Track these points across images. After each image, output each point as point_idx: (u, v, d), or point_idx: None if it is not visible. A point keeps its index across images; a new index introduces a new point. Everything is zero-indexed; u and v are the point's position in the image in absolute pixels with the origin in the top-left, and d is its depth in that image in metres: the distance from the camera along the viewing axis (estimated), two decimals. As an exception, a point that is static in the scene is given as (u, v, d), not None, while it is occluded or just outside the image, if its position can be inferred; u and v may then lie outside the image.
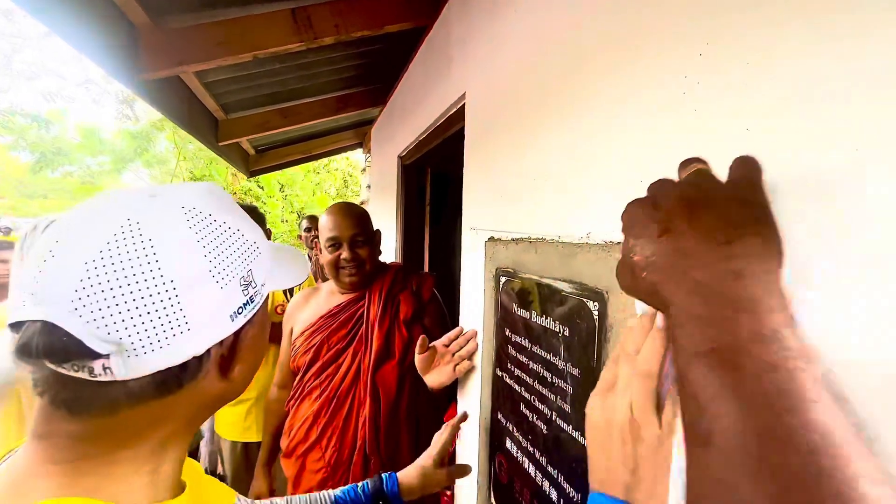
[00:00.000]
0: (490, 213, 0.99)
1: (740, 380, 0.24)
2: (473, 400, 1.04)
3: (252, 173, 3.59)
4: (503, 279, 0.87)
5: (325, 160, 13.05)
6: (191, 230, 0.36)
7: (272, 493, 1.44)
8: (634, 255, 0.31)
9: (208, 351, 0.37)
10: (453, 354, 1.06)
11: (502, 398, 0.87)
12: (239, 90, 2.25)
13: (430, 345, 1.06)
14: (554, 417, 0.68)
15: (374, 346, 1.21)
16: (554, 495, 0.67)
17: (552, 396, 0.68)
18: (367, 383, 1.18)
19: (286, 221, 12.63)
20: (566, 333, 0.65)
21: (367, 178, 3.63)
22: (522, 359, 0.78)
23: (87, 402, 0.33)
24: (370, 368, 1.19)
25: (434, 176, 2.11)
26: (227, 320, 0.37)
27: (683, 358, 0.27)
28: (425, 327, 1.29)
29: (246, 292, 0.39)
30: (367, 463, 1.15)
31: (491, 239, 0.95)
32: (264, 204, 12.73)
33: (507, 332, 0.84)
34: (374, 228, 1.35)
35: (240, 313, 0.38)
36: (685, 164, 0.35)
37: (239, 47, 1.39)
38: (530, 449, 0.75)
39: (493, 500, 0.91)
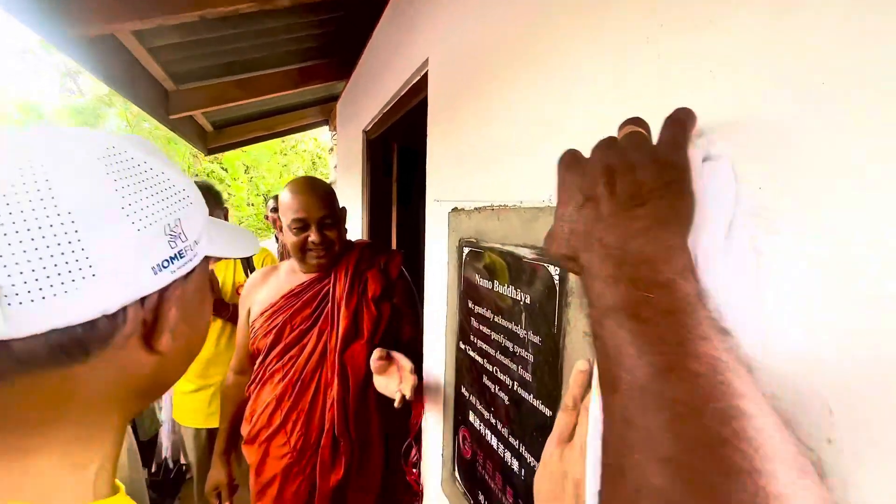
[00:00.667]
0: (454, 184, 0.95)
1: (641, 327, 0.26)
2: (437, 375, 1.01)
3: (210, 151, 3.39)
4: (466, 250, 0.84)
5: (292, 141, 12.64)
6: (99, 161, 0.30)
7: (231, 482, 1.39)
8: (562, 223, 0.34)
9: (125, 310, 0.30)
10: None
11: (465, 371, 0.85)
12: (189, 58, 2.09)
13: (389, 354, 1.01)
14: (515, 387, 0.66)
15: (342, 325, 1.16)
16: (516, 466, 0.66)
17: (514, 366, 0.66)
18: (335, 363, 1.14)
19: (252, 205, 12.18)
20: (527, 301, 0.63)
21: (335, 158, 3.51)
22: (485, 330, 0.76)
23: None
24: (337, 348, 1.15)
25: (401, 151, 2.05)
26: (147, 273, 0.31)
27: (595, 317, 0.29)
28: (395, 306, 1.25)
29: (173, 244, 0.33)
30: (335, 445, 1.12)
31: (454, 210, 0.91)
32: (228, 186, 12.22)
33: (471, 305, 0.82)
34: (341, 206, 1.29)
35: (165, 267, 0.32)
36: (622, 126, 0.36)
37: (180, 5, 1.27)
38: (492, 421, 0.74)
39: (457, 474, 0.90)
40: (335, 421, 1.11)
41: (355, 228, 2.32)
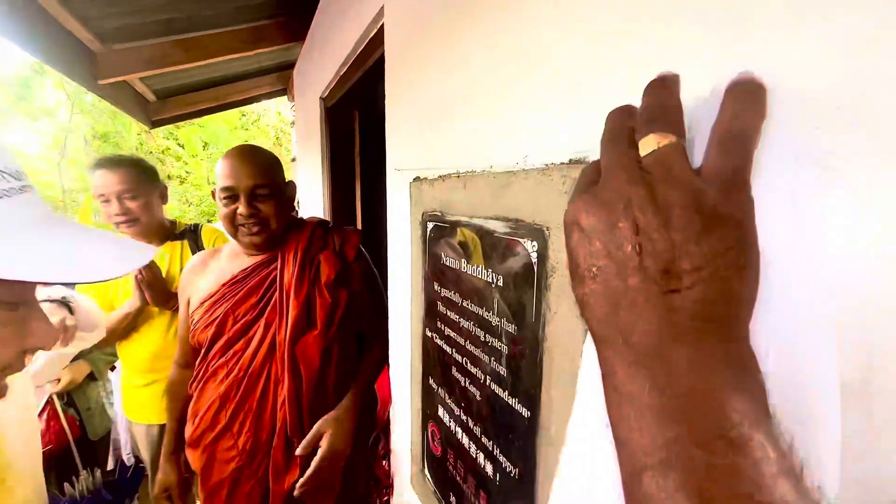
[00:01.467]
0: (415, 150, 0.84)
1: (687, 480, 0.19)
2: (404, 363, 0.92)
3: (155, 123, 3.10)
4: (430, 225, 0.74)
5: (254, 115, 11.95)
6: None
7: (183, 482, 1.28)
8: (577, 257, 0.24)
9: None
10: None
11: (433, 361, 0.75)
12: (118, 14, 1.83)
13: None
14: (488, 381, 0.57)
15: (291, 316, 1.04)
16: (490, 470, 0.58)
17: (486, 358, 0.57)
18: (286, 358, 1.03)
19: (212, 183, 11.53)
20: (500, 283, 0.53)
21: (297, 142, 3.28)
22: (453, 316, 0.67)
23: None
24: (287, 341, 1.03)
25: (363, 120, 1.89)
26: None
27: (627, 462, 0.21)
28: (353, 291, 1.13)
29: None
30: (289, 446, 1.02)
31: (416, 179, 0.80)
32: (186, 164, 11.49)
33: (437, 287, 0.72)
34: (287, 179, 1.14)
35: None
36: (645, 112, 0.25)
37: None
38: (463, 417, 0.65)
39: (426, 472, 0.82)
40: (287, 420, 1.01)
41: (317, 206, 2.16)
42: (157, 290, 1.49)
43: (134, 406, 1.69)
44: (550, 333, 0.45)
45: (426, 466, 0.82)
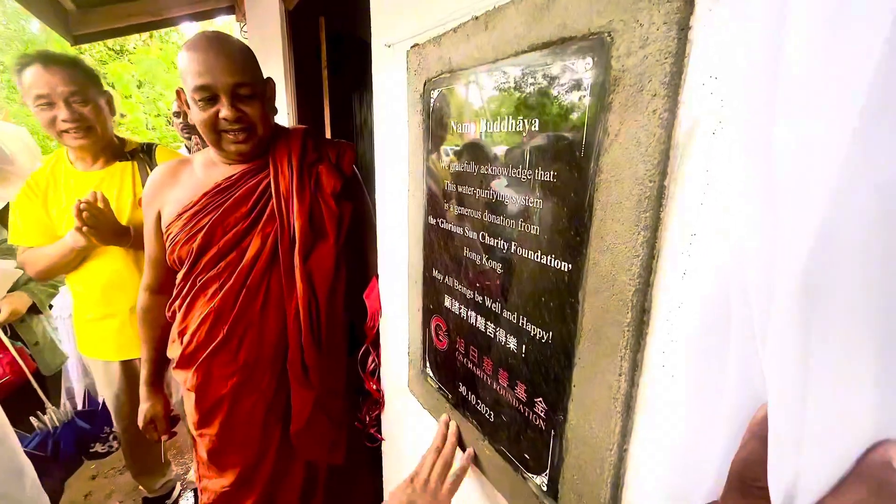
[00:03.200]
0: (410, 14, 0.72)
1: None
2: (398, 264, 0.86)
3: (78, 39, 2.67)
4: (434, 93, 0.65)
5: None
6: None
7: (170, 412, 1.20)
8: None
9: None
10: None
11: (438, 250, 0.69)
12: None
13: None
14: (513, 248, 0.52)
15: (298, 226, 0.96)
16: (513, 343, 0.54)
17: (509, 222, 0.52)
18: (294, 269, 0.96)
19: (154, 129, 10.45)
20: (534, 126, 0.46)
21: None
22: (465, 190, 0.60)
23: None
24: (297, 251, 0.96)
25: (329, 29, 1.69)
26: None
27: None
28: (356, 210, 1.06)
29: None
30: (303, 356, 0.99)
31: (414, 46, 0.70)
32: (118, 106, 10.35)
33: (442, 163, 0.64)
34: (265, 76, 1.00)
35: None
36: None
37: None
38: (478, 298, 0.60)
39: (428, 370, 0.78)
40: (302, 331, 0.97)
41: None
42: (104, 230, 1.28)
43: (89, 342, 1.53)
44: (607, 163, 0.39)
45: (427, 365, 0.78)
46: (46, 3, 2.32)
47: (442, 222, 0.67)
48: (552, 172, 0.45)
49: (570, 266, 0.44)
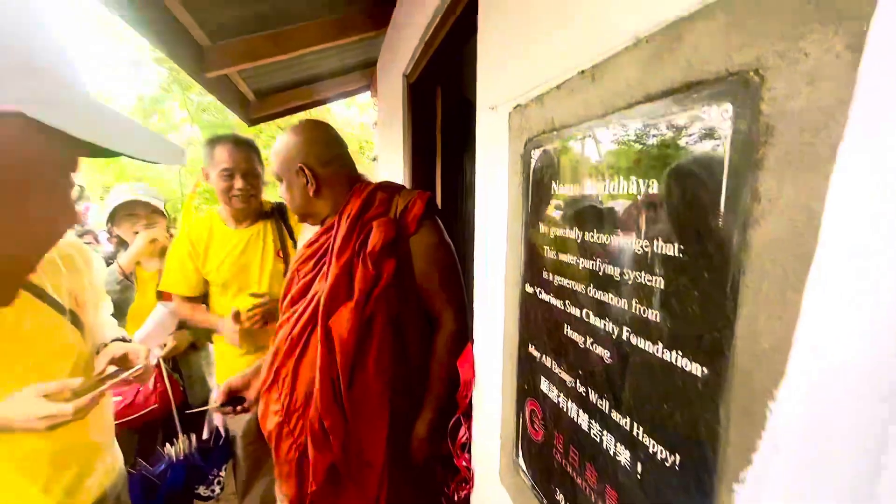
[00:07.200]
0: (513, 76, 0.71)
1: None
2: (494, 333, 0.79)
3: (253, 121, 3.33)
4: (535, 153, 0.60)
5: (338, 124, 12.72)
6: None
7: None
8: None
9: None
10: None
11: (535, 323, 0.61)
12: (221, 10, 1.96)
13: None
14: (625, 335, 0.42)
15: (329, 283, 0.97)
16: (625, 457, 0.42)
17: (621, 302, 0.42)
18: (320, 328, 0.97)
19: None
20: (653, 188, 0.38)
21: (378, 132, 3.36)
22: (568, 259, 0.52)
23: None
24: (322, 311, 0.97)
25: (445, 97, 1.80)
26: None
27: None
28: (406, 262, 1.00)
29: None
30: (321, 420, 0.97)
31: (517, 107, 0.67)
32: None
33: (544, 227, 0.58)
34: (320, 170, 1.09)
35: None
36: None
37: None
38: (581, 388, 0.50)
39: (521, 462, 0.67)
40: (322, 393, 0.95)
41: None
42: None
43: (227, 375, 1.74)
44: (760, 238, 0.28)
45: (520, 455, 0.67)
46: (234, 95, 2.95)
47: (540, 292, 0.59)
48: (677, 245, 0.35)
49: (704, 370, 0.33)
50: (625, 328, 0.42)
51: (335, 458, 0.96)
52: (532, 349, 0.62)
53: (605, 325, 0.45)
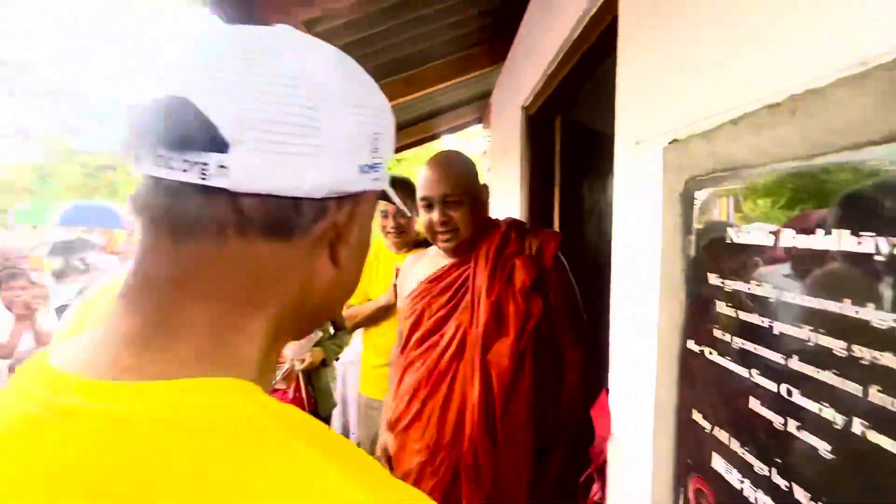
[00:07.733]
0: (666, 110, 0.65)
1: None
2: (639, 383, 0.71)
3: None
4: (700, 193, 0.53)
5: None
6: (337, 55, 0.31)
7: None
8: None
9: (325, 204, 0.30)
10: None
11: (703, 387, 0.53)
12: (359, 58, 2.22)
13: None
14: (855, 427, 0.33)
15: (482, 319, 1.01)
16: (859, 586, 0.33)
17: (847, 385, 0.34)
18: (476, 361, 0.99)
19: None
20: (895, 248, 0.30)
21: (487, 161, 3.45)
22: (751, 318, 0.44)
23: (191, 217, 0.27)
24: (478, 344, 1.00)
25: (564, 126, 1.76)
26: (354, 168, 0.30)
27: None
28: (549, 303, 1.03)
29: (374, 154, 0.32)
30: (475, 451, 0.97)
31: (674, 142, 0.61)
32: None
33: (717, 279, 0.51)
34: (481, 183, 1.13)
35: (366, 172, 0.31)
36: None
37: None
38: (776, 479, 0.41)
39: (682, 546, 0.58)
40: (475, 423, 0.97)
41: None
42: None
43: (369, 383, 1.90)
44: None
45: (680, 538, 0.58)
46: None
47: (710, 353, 0.51)
48: (952, 326, 0.27)
49: None
50: (854, 419, 0.33)
51: (489, 492, 0.98)
52: (697, 415, 0.54)
53: (818, 407, 0.37)
